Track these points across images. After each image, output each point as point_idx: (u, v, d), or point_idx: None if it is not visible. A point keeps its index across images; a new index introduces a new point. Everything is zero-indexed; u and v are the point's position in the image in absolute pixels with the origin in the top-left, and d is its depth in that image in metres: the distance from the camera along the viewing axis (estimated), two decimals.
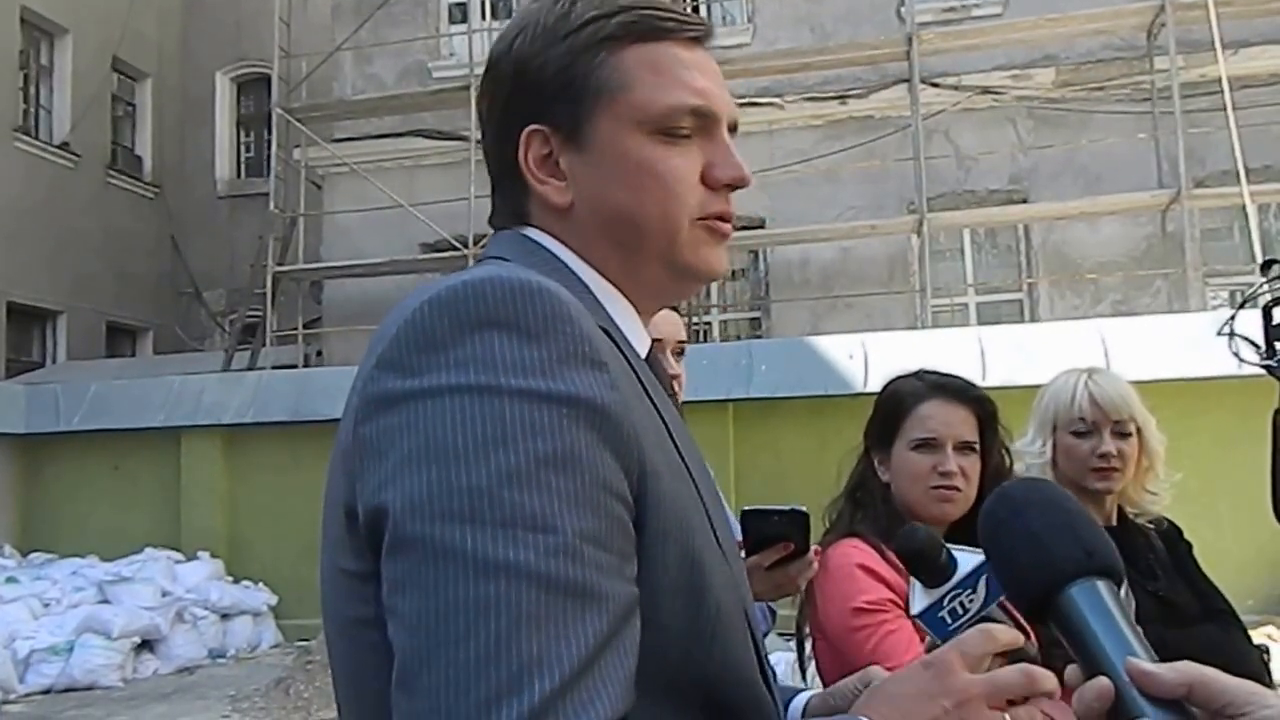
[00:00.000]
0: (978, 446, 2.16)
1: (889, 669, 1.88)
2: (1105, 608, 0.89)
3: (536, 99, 1.08)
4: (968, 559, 1.31)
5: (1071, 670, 0.88)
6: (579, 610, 0.81)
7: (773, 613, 2.57)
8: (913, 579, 1.35)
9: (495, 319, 0.89)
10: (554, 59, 1.08)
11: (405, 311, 0.93)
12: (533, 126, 1.09)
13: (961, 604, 1.30)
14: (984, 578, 1.30)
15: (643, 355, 1.11)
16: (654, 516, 0.92)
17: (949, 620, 1.31)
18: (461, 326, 0.89)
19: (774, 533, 1.91)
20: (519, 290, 0.91)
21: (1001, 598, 1.32)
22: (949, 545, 1.33)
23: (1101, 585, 0.90)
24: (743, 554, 1.82)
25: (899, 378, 2.28)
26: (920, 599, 1.33)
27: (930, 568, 1.32)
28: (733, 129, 1.13)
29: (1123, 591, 0.93)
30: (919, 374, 2.27)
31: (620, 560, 0.87)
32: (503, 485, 0.83)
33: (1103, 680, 0.84)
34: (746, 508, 1.90)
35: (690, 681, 0.95)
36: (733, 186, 1.10)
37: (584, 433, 0.87)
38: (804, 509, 1.96)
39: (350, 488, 0.92)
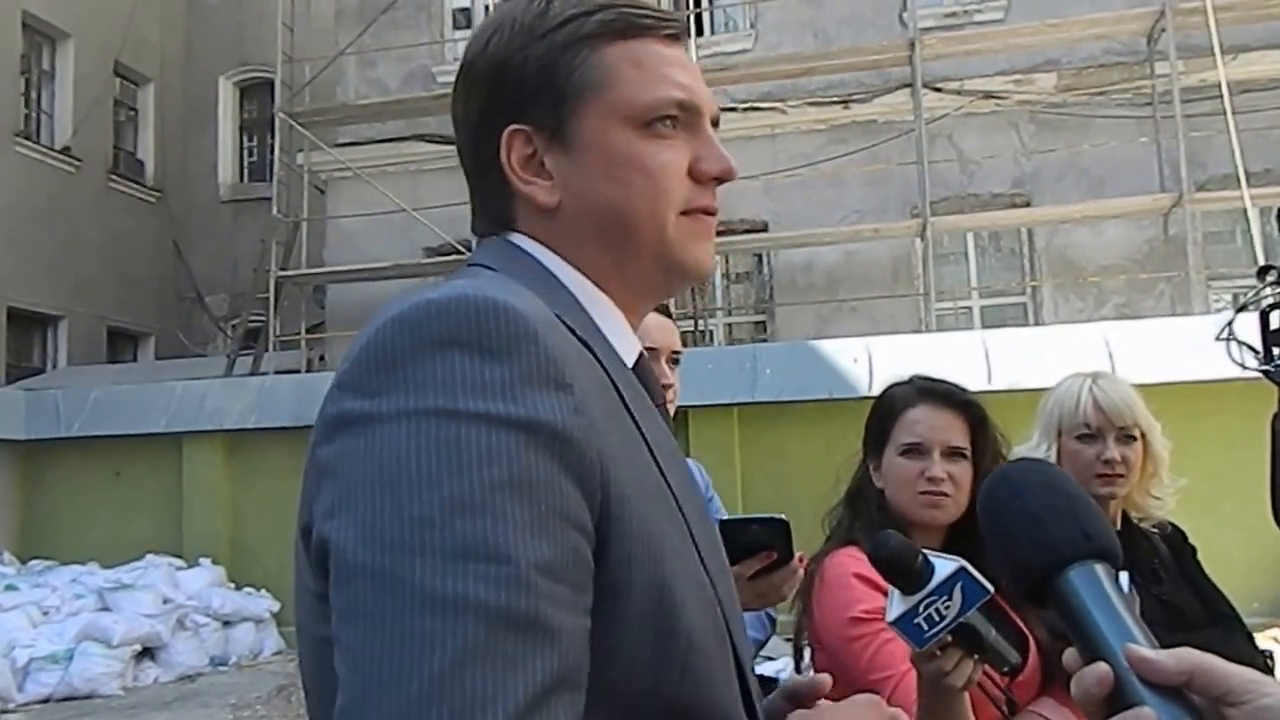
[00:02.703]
0: (968, 452, 2.13)
1: (884, 679, 1.89)
2: (1103, 591, 0.89)
3: (517, 98, 1.07)
4: (944, 565, 1.31)
5: (1070, 654, 0.88)
6: (529, 645, 0.78)
7: (772, 620, 2.56)
8: (891, 586, 1.35)
9: (456, 338, 0.86)
10: (534, 57, 1.06)
11: (370, 329, 0.91)
12: (514, 126, 1.07)
13: (938, 610, 1.30)
14: (960, 585, 1.30)
15: (630, 362, 1.09)
16: (618, 542, 0.89)
17: (925, 627, 1.31)
18: (422, 345, 0.86)
19: (753, 542, 1.89)
20: (483, 308, 0.88)
21: (992, 596, 1.32)
22: (926, 552, 1.32)
23: (1100, 569, 0.90)
24: None
25: (894, 384, 2.27)
26: (896, 606, 1.33)
27: (905, 574, 1.31)
28: (715, 124, 1.13)
29: (1124, 583, 0.92)
30: (910, 379, 2.26)
31: (574, 592, 0.84)
32: (454, 514, 0.79)
33: (1101, 666, 0.83)
34: (722, 519, 1.88)
35: (657, 710, 0.92)
36: (720, 180, 1.10)
37: (542, 459, 0.84)
38: (783, 517, 1.94)
39: (308, 509, 0.91)
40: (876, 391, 2.30)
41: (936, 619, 1.30)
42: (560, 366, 0.89)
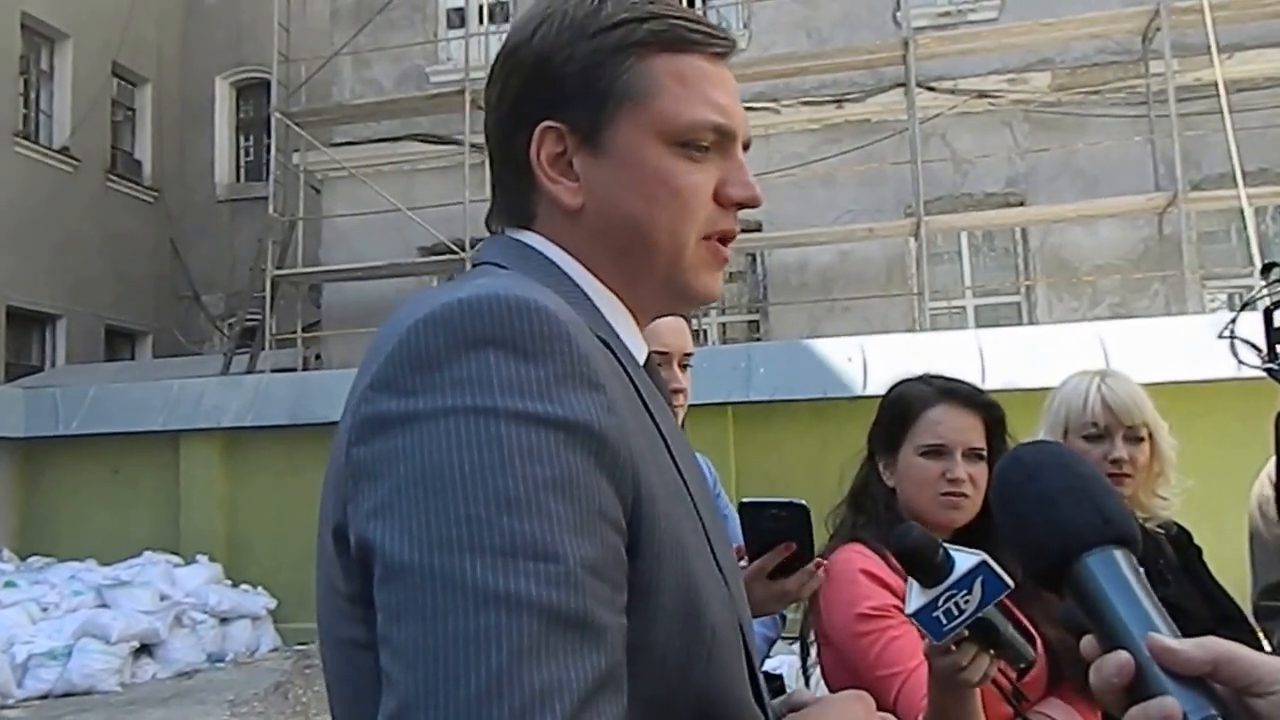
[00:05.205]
0: (985, 454, 2.11)
1: (892, 675, 1.89)
2: (1123, 578, 0.86)
3: (556, 94, 1.06)
4: (965, 559, 1.31)
5: (1088, 642, 0.85)
6: (579, 643, 0.79)
7: (783, 617, 2.55)
8: (910, 579, 1.35)
9: (492, 337, 0.86)
10: (580, 55, 1.05)
11: (399, 328, 0.90)
12: (548, 123, 1.06)
13: (957, 604, 1.30)
14: (980, 579, 1.30)
15: (640, 362, 1.09)
16: (649, 542, 0.90)
17: (944, 620, 1.31)
18: (457, 345, 0.86)
19: (774, 529, 1.85)
20: (517, 308, 0.88)
21: (1003, 597, 1.33)
22: (947, 545, 1.32)
23: (1119, 555, 0.87)
24: (743, 562, 1.79)
25: (904, 381, 2.23)
26: (916, 598, 1.33)
27: (926, 567, 1.31)
28: (745, 147, 1.12)
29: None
30: (925, 378, 2.21)
31: (614, 591, 0.85)
32: (501, 512, 0.80)
33: (1122, 654, 0.81)
34: (744, 500, 1.88)
35: (684, 702, 0.93)
36: (743, 206, 1.09)
37: (581, 458, 0.85)
38: (803, 502, 1.90)
39: (342, 510, 0.89)
40: (870, 391, 2.29)
41: (956, 612, 1.30)
42: (592, 366, 0.90)
